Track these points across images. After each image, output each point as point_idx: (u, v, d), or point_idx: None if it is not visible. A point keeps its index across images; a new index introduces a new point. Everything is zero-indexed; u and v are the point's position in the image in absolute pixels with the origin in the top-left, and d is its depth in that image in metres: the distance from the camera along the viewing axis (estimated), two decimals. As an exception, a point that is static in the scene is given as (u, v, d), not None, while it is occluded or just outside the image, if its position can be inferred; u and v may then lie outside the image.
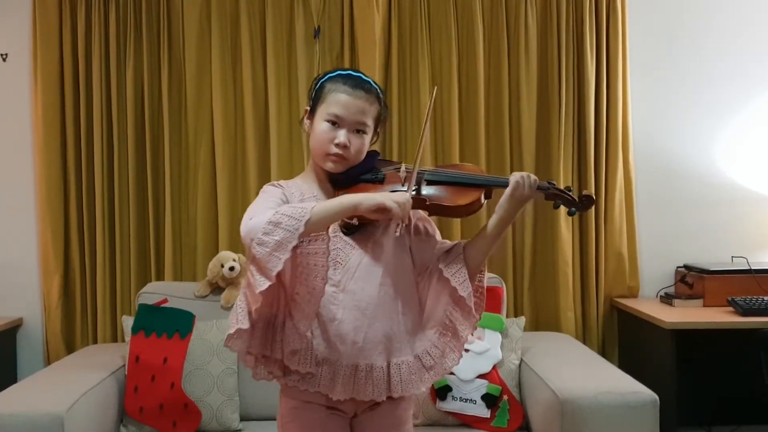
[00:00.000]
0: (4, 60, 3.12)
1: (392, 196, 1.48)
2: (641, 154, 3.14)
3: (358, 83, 1.63)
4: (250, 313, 1.49)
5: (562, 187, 1.64)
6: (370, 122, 1.64)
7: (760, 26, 3.17)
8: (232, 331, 1.50)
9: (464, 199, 1.59)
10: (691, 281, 2.94)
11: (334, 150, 1.60)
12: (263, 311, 1.52)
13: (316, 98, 1.65)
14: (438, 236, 1.71)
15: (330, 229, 1.57)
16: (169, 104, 3.04)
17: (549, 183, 1.62)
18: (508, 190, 1.58)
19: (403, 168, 1.65)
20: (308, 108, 1.68)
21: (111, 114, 3.04)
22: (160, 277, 3.05)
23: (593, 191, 3.04)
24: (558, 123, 3.04)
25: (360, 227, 1.61)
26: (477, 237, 1.65)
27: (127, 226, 3.05)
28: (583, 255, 3.10)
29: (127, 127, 3.04)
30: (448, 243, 1.69)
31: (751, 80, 3.17)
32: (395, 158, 3.01)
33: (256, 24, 3.05)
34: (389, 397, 1.61)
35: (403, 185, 1.61)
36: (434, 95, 1.70)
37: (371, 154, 1.68)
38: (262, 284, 1.42)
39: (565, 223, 3.04)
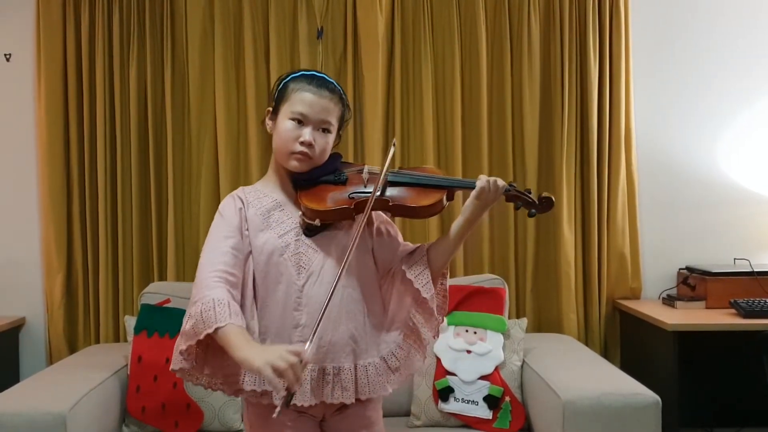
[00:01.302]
0: (7, 60, 3.13)
1: (275, 362, 1.34)
2: (644, 155, 3.14)
3: (322, 83, 1.63)
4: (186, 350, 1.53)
5: (522, 189, 1.64)
6: (334, 122, 1.64)
7: (762, 28, 3.17)
8: (175, 367, 1.54)
9: (426, 200, 1.58)
10: (693, 283, 2.94)
11: (299, 148, 1.59)
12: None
13: (279, 98, 1.65)
14: (400, 238, 1.71)
15: (293, 233, 1.59)
16: (172, 104, 3.04)
17: (510, 185, 1.61)
18: (474, 193, 1.57)
19: (366, 170, 1.65)
20: (270, 108, 1.68)
21: (114, 114, 3.04)
22: (162, 277, 3.05)
23: (596, 192, 3.05)
24: (561, 124, 3.04)
25: (322, 228, 1.61)
26: (441, 239, 1.65)
27: (130, 226, 3.05)
28: (586, 256, 3.09)
29: (130, 127, 3.04)
30: (411, 245, 1.69)
31: (753, 82, 3.17)
32: (397, 159, 3.01)
33: (259, 24, 3.05)
34: (357, 399, 1.61)
35: (365, 187, 1.61)
36: (393, 152, 1.63)
37: (334, 156, 1.68)
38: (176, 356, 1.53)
39: (567, 224, 3.04)
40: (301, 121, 1.60)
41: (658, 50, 3.17)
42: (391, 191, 1.60)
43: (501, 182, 1.57)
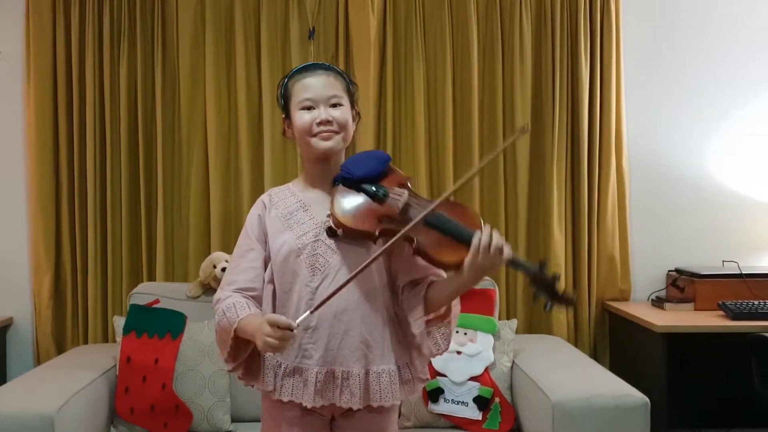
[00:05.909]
0: (-3, 57, 3.11)
1: (268, 340, 1.44)
2: (634, 158, 3.15)
3: (314, 66, 1.69)
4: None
5: (549, 273, 1.54)
6: (342, 94, 1.66)
7: (752, 32, 3.18)
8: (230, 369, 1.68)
9: (450, 256, 1.50)
10: (682, 285, 2.95)
11: (318, 128, 1.62)
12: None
13: (285, 101, 1.68)
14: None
15: (311, 234, 1.60)
16: (163, 104, 3.03)
17: (541, 264, 1.53)
18: (468, 256, 1.46)
19: (403, 198, 1.58)
20: (284, 116, 1.70)
21: (104, 113, 3.03)
22: (151, 277, 3.04)
23: (586, 194, 3.05)
24: (551, 126, 3.04)
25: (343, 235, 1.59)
26: (441, 284, 1.58)
27: (119, 226, 3.03)
28: (575, 258, 3.10)
29: (120, 126, 3.02)
30: (422, 268, 1.59)
31: (743, 85, 3.19)
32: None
33: (250, 24, 3.05)
34: (369, 406, 1.60)
35: (396, 218, 1.55)
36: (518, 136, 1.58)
37: (383, 159, 1.67)
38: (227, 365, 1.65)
39: (557, 226, 3.04)
40: (310, 106, 1.63)
41: (649, 53, 3.18)
42: (420, 234, 1.51)
43: (507, 251, 1.47)
